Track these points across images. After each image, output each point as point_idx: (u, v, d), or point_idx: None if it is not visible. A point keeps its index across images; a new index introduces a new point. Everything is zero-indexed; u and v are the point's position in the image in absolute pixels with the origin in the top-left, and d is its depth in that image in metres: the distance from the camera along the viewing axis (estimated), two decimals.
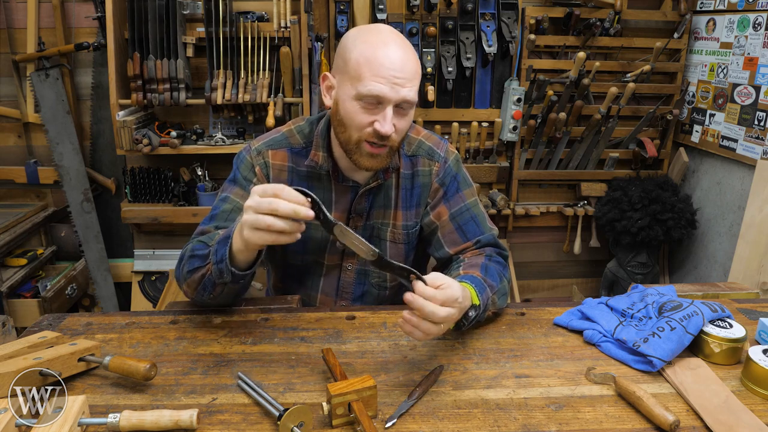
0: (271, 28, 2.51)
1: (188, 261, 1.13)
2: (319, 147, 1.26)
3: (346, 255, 1.35)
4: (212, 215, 1.24)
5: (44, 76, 2.55)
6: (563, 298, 3.18)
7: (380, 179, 1.27)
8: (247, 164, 1.28)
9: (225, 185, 1.29)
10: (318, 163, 1.26)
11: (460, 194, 1.33)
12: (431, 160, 1.32)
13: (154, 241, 2.86)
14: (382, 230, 1.33)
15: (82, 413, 0.81)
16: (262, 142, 1.30)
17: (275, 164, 1.28)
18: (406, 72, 1.10)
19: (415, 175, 1.32)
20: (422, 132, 1.36)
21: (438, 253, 1.35)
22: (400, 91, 1.09)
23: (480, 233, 1.30)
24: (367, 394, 0.87)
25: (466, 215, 1.31)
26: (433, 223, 1.33)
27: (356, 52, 1.10)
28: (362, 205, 1.30)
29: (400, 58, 1.09)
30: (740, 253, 2.29)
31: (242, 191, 1.25)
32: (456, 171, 1.34)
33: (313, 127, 1.29)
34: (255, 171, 1.27)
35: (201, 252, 1.11)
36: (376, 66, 1.08)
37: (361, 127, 1.12)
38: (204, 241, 1.14)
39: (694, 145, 2.80)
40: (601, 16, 2.65)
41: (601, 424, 0.88)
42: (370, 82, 1.08)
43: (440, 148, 1.34)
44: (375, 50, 1.09)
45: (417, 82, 1.13)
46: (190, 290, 1.15)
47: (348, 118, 1.13)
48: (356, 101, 1.11)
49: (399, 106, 1.12)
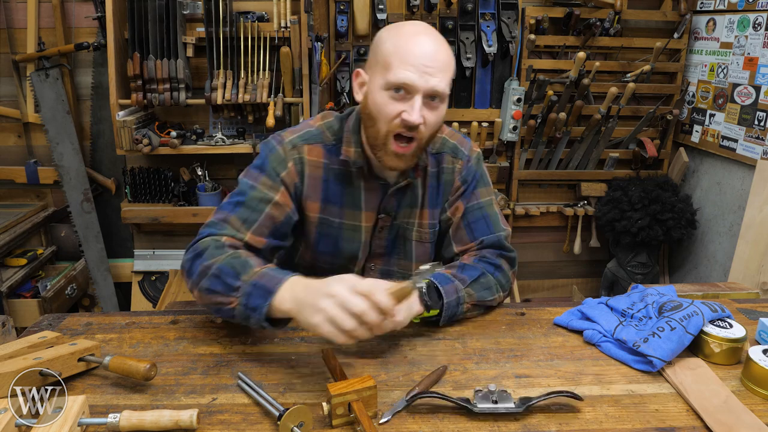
0: (271, 28, 2.51)
1: (211, 279, 1.03)
2: (350, 143, 1.22)
3: (371, 257, 1.33)
4: (238, 201, 1.17)
5: (44, 76, 2.55)
6: (563, 298, 3.18)
7: (410, 178, 1.25)
8: (278, 156, 1.21)
9: (251, 171, 1.21)
10: (351, 158, 1.22)
11: (475, 192, 1.31)
12: (455, 158, 1.30)
13: (154, 241, 2.86)
14: (407, 230, 1.31)
15: (82, 413, 0.81)
16: (297, 135, 1.24)
17: (311, 160, 1.23)
18: (437, 62, 1.07)
19: (441, 172, 1.30)
20: (446, 130, 1.34)
21: (446, 252, 1.33)
22: (430, 80, 1.07)
23: (488, 233, 1.28)
24: (367, 394, 0.87)
25: (477, 213, 1.30)
26: (450, 220, 1.32)
27: (388, 44, 1.09)
28: (391, 204, 1.27)
29: (431, 48, 1.08)
30: (740, 253, 2.29)
31: (270, 182, 1.19)
32: (476, 169, 1.32)
33: (342, 124, 1.26)
34: (287, 165, 1.21)
35: (229, 281, 1.01)
36: (406, 54, 1.06)
37: (389, 119, 1.10)
38: (236, 269, 1.02)
39: (694, 145, 2.80)
40: (601, 16, 2.65)
41: (601, 424, 0.88)
42: (399, 69, 1.06)
43: (464, 146, 1.32)
44: (406, 40, 1.08)
45: (448, 75, 1.11)
46: (200, 300, 1.08)
47: (376, 109, 1.11)
48: (385, 91, 1.09)
49: (429, 98, 1.09)
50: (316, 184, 1.24)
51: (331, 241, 1.29)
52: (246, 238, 1.15)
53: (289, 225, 1.22)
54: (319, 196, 1.25)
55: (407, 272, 1.32)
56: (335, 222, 1.27)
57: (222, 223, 1.15)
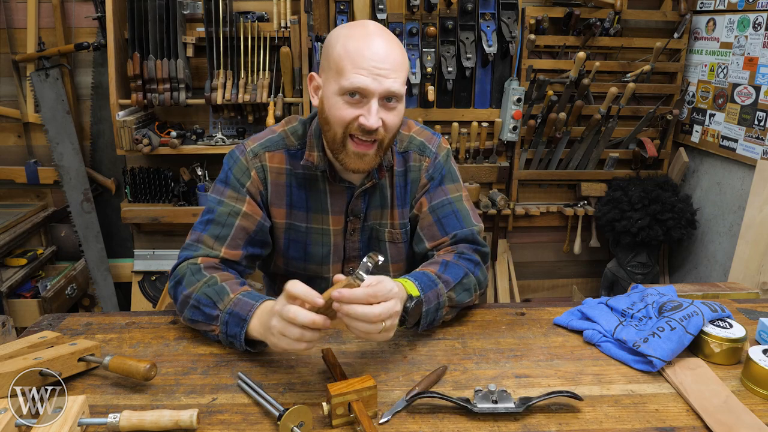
0: (271, 28, 2.51)
1: (191, 310, 1.08)
2: (313, 147, 1.22)
3: (347, 261, 1.33)
4: (208, 219, 1.19)
5: (44, 76, 2.55)
6: (563, 298, 3.19)
7: (375, 179, 1.24)
8: (241, 167, 1.22)
9: (217, 186, 1.23)
10: (314, 163, 1.21)
11: (442, 187, 1.29)
12: (422, 156, 1.29)
13: (154, 241, 2.86)
14: (380, 231, 1.31)
15: (82, 413, 0.81)
16: (258, 143, 1.24)
17: (273, 167, 1.23)
18: (390, 63, 1.06)
19: (408, 171, 1.29)
20: (414, 128, 1.33)
21: (418, 248, 1.31)
22: (384, 83, 1.05)
23: (459, 228, 1.25)
24: (367, 394, 0.87)
25: (447, 209, 1.27)
26: (417, 217, 1.30)
27: (338, 48, 1.07)
28: (358, 206, 1.27)
29: (382, 49, 1.06)
30: (740, 253, 2.29)
31: (236, 194, 1.20)
32: (444, 165, 1.31)
33: (306, 128, 1.26)
34: (251, 175, 1.22)
35: (207, 311, 1.06)
36: (358, 58, 1.04)
37: (345, 123, 1.09)
38: (211, 298, 1.06)
39: (694, 145, 2.80)
40: (601, 16, 2.65)
41: (601, 424, 0.88)
42: (352, 74, 1.04)
43: (432, 143, 1.31)
44: (357, 43, 1.06)
45: (403, 75, 1.09)
46: (188, 324, 1.12)
47: (332, 114, 1.10)
48: (340, 96, 1.08)
49: (386, 100, 1.08)
50: (280, 190, 1.25)
51: (300, 246, 1.30)
52: (221, 254, 1.17)
53: (264, 232, 1.24)
54: (283, 202, 1.25)
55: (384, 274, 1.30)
56: (302, 227, 1.28)
57: (196, 245, 1.17)
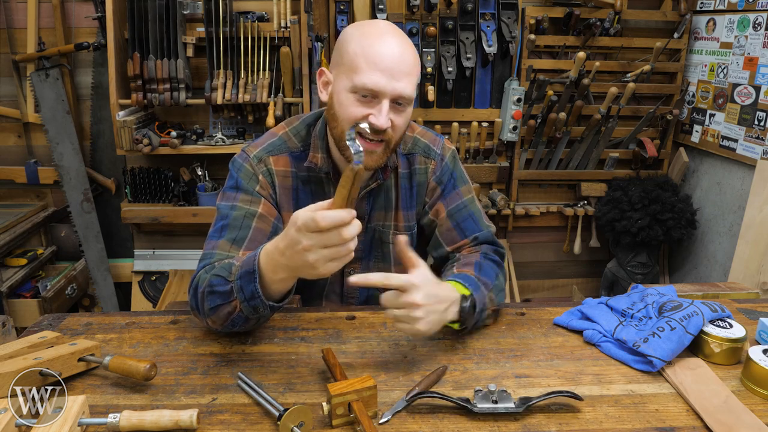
0: (271, 28, 2.51)
1: (208, 298, 1.04)
2: (317, 148, 1.22)
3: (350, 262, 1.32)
4: (223, 225, 1.16)
5: (44, 76, 2.55)
6: (563, 298, 3.18)
7: (379, 179, 1.25)
8: (247, 172, 1.21)
9: (226, 194, 1.21)
10: (317, 164, 1.22)
11: (457, 191, 1.31)
12: (427, 158, 1.30)
13: (154, 241, 2.86)
14: (384, 233, 1.31)
15: (82, 413, 0.81)
16: (261, 148, 1.24)
17: (279, 170, 1.23)
18: (403, 66, 1.07)
19: (413, 173, 1.30)
20: (417, 129, 1.33)
21: (436, 252, 1.33)
22: (397, 86, 1.06)
23: (478, 230, 1.29)
24: (367, 394, 0.87)
25: (464, 212, 1.30)
26: (433, 222, 1.32)
27: (353, 45, 1.08)
28: (363, 207, 1.27)
29: (397, 51, 1.07)
30: (740, 253, 2.29)
31: (249, 197, 1.19)
32: (452, 168, 1.32)
33: (309, 129, 1.26)
34: (259, 179, 1.21)
35: (221, 288, 1.00)
36: (373, 58, 1.05)
37: (353, 121, 1.09)
38: (221, 275, 1.02)
39: (694, 145, 2.80)
40: (601, 16, 2.65)
41: (601, 424, 0.88)
42: (366, 74, 1.05)
43: (436, 145, 1.32)
44: (372, 43, 1.07)
45: (414, 78, 1.10)
46: (216, 325, 1.07)
47: (341, 110, 1.10)
48: (351, 94, 1.08)
49: (396, 102, 1.09)
50: (287, 193, 1.25)
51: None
52: (239, 255, 1.12)
53: (277, 234, 1.22)
54: (291, 205, 1.25)
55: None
56: None
57: (212, 252, 1.13)
